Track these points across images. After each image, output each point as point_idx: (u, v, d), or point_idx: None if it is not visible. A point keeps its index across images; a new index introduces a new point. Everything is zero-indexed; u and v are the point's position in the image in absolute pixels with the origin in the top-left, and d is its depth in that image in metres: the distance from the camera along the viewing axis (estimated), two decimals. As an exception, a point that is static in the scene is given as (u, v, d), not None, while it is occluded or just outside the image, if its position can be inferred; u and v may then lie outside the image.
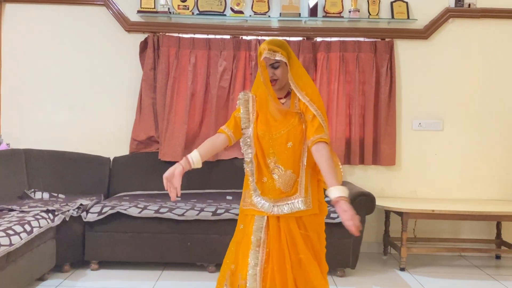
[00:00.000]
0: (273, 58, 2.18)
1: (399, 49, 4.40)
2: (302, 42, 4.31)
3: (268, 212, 2.23)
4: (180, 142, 4.23)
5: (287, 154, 2.23)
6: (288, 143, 2.22)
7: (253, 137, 2.26)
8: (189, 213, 3.61)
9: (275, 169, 2.24)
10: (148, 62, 4.28)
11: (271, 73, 2.20)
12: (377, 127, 4.35)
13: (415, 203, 4.09)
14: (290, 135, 2.22)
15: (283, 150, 2.22)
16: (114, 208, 3.59)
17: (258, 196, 2.26)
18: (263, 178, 2.26)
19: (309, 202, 2.26)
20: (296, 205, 2.23)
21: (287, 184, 2.24)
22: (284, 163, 2.23)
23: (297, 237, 2.23)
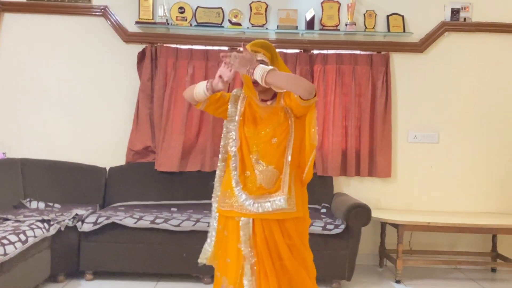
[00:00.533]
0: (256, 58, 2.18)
1: (395, 62, 4.44)
2: (299, 55, 4.35)
3: (250, 210, 2.19)
4: (177, 153, 4.24)
5: (270, 150, 2.22)
6: (273, 139, 2.22)
7: (239, 131, 2.26)
8: (185, 224, 3.60)
9: (256, 164, 2.22)
10: (145, 73, 4.30)
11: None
12: (373, 139, 4.37)
13: (411, 215, 4.09)
14: (276, 131, 2.23)
15: (267, 146, 2.22)
16: (110, 218, 3.59)
17: (239, 190, 2.22)
18: (246, 171, 2.23)
19: (293, 203, 2.22)
20: (278, 202, 2.18)
21: (269, 180, 2.20)
22: (266, 159, 2.21)
23: (280, 245, 2.20)
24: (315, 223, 3.63)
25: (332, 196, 4.30)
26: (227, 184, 2.29)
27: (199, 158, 4.31)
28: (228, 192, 2.28)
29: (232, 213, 2.25)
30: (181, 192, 4.27)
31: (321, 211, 4.09)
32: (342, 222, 3.67)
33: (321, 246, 3.58)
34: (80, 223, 3.58)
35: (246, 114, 2.30)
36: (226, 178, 2.31)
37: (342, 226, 3.62)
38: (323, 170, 4.32)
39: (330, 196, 4.29)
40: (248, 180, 2.23)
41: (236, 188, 2.23)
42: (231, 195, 2.26)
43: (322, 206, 4.17)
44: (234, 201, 2.24)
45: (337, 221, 3.72)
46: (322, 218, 3.85)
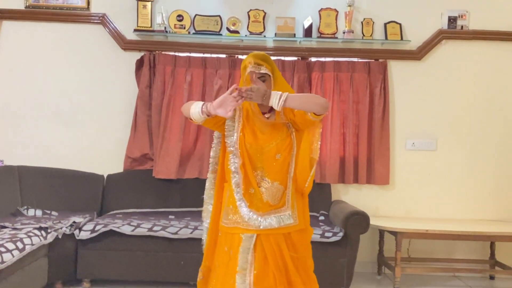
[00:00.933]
0: (258, 72, 2.21)
1: (393, 70, 4.45)
2: (297, 62, 4.36)
3: (256, 227, 2.19)
4: (175, 160, 4.24)
5: (275, 166, 2.22)
6: (276, 155, 2.22)
7: (239, 146, 2.22)
8: (182, 231, 3.59)
9: (262, 182, 2.21)
10: (143, 80, 4.31)
11: (259, 85, 2.20)
12: (371, 146, 4.38)
13: (409, 222, 4.09)
14: (280, 147, 2.22)
15: (271, 162, 2.22)
16: (107, 226, 3.58)
17: (246, 208, 2.19)
18: (250, 189, 2.21)
19: (295, 216, 2.25)
20: (284, 218, 2.20)
21: (274, 196, 2.21)
22: (271, 176, 2.21)
23: (287, 259, 2.20)
24: (314, 231, 3.61)
25: (330, 203, 4.30)
26: (229, 200, 2.27)
27: (197, 166, 4.31)
28: (230, 209, 2.25)
29: (237, 229, 2.23)
30: (178, 200, 4.26)
31: (319, 218, 4.08)
32: (340, 229, 3.66)
33: (319, 253, 3.55)
34: (78, 231, 3.57)
35: (245, 128, 2.27)
36: (228, 193, 2.28)
37: (341, 233, 3.61)
38: (321, 177, 4.32)
39: (328, 204, 4.29)
40: (253, 197, 2.21)
41: (241, 206, 2.20)
42: (234, 211, 2.23)
43: (320, 214, 4.17)
44: (238, 217, 2.23)
45: (335, 228, 3.72)
46: (321, 225, 3.85)
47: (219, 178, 2.36)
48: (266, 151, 2.22)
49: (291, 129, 2.26)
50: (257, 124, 2.27)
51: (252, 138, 2.24)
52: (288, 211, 2.21)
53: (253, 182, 2.20)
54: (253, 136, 2.24)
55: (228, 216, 2.25)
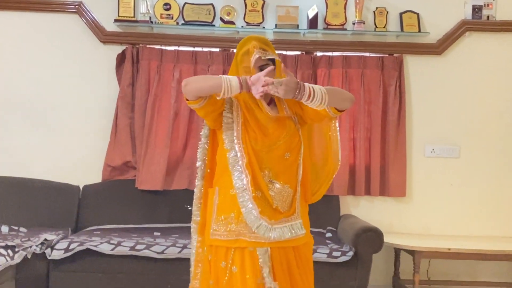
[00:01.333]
0: (264, 58, 2.15)
1: (409, 66, 4.45)
2: (301, 57, 4.36)
3: (266, 238, 2.11)
4: (161, 169, 4.22)
5: (284, 166, 2.18)
6: (285, 154, 2.19)
7: (242, 143, 2.16)
8: (170, 250, 3.57)
9: (269, 184, 2.16)
10: (125, 77, 4.30)
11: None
12: (385, 153, 4.37)
13: (429, 240, 4.08)
14: (289, 145, 2.19)
15: (279, 162, 2.18)
16: (83, 244, 3.56)
17: (255, 214, 2.10)
18: (257, 191, 2.14)
19: (301, 226, 2.19)
20: (296, 228, 2.15)
21: (285, 202, 2.17)
22: (281, 177, 2.17)
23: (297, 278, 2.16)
24: (320, 250, 3.61)
25: (338, 218, 4.29)
26: (226, 207, 2.18)
27: (187, 175, 4.29)
28: (230, 217, 2.17)
29: (242, 242, 2.14)
30: (165, 214, 4.25)
31: (326, 235, 4.07)
32: (350, 248, 3.65)
33: (326, 276, 3.55)
34: (49, 250, 3.55)
35: (247, 122, 2.21)
36: (222, 199, 2.21)
37: (350, 253, 3.59)
38: (328, 188, 4.22)
39: (336, 219, 4.28)
40: (261, 202, 2.13)
41: (249, 213, 2.11)
42: (236, 220, 2.15)
43: (327, 230, 4.15)
44: (241, 227, 2.14)
45: (344, 247, 3.70)
46: (328, 243, 3.83)
47: (209, 184, 2.32)
48: (273, 148, 2.17)
49: (298, 125, 2.24)
50: (261, 119, 2.20)
51: (257, 133, 2.18)
52: (299, 220, 2.17)
53: (262, 184, 2.14)
54: (259, 131, 2.18)
55: (224, 226, 2.16)
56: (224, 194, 2.19)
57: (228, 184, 2.17)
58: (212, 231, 2.20)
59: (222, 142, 2.23)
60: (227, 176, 2.18)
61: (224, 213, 2.18)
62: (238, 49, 2.23)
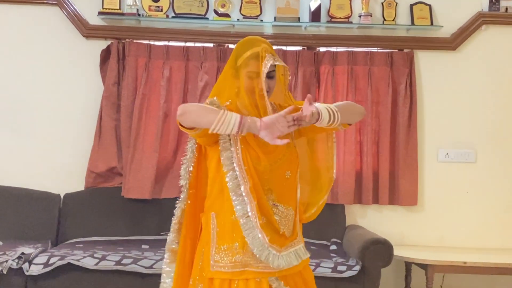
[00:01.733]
0: (275, 64, 2.12)
1: (421, 62, 4.51)
2: (302, 53, 4.41)
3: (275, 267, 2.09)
4: (149, 175, 4.26)
5: (285, 187, 2.17)
6: (286, 173, 2.17)
7: (244, 164, 2.10)
8: (159, 265, 3.54)
9: (274, 208, 2.13)
10: (110, 75, 4.34)
11: (266, 84, 2.12)
12: (395, 157, 4.42)
13: (443, 253, 4.13)
14: (288, 162, 2.17)
15: (280, 182, 2.16)
16: (64, 258, 3.58)
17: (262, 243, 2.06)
18: (262, 218, 2.10)
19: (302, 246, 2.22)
20: (301, 253, 2.17)
21: (289, 226, 2.16)
22: (283, 199, 2.16)
23: None
24: (323, 264, 3.66)
25: (344, 229, 4.34)
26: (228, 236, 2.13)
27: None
28: (234, 247, 2.12)
29: (247, 274, 2.11)
30: (154, 225, 4.28)
31: (330, 248, 4.12)
32: (356, 262, 3.69)
33: None
34: (27, 265, 3.56)
35: (245, 140, 2.14)
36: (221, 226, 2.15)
37: (357, 267, 3.63)
38: (333, 197, 4.35)
39: (341, 230, 4.33)
40: (268, 229, 2.10)
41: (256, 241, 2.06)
42: (241, 250, 2.10)
43: (331, 242, 4.20)
44: (248, 257, 2.10)
45: (350, 261, 3.75)
46: (332, 257, 3.88)
47: (193, 207, 2.29)
48: (274, 168, 2.14)
49: (293, 137, 2.24)
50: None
51: (258, 152, 2.13)
52: (301, 243, 2.19)
53: (267, 209, 2.11)
54: (259, 149, 2.14)
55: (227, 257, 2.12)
56: (224, 220, 2.15)
57: (227, 209, 2.13)
58: (213, 263, 2.14)
59: (215, 161, 2.18)
60: (224, 200, 2.13)
61: (226, 243, 2.13)
62: (240, 50, 2.17)
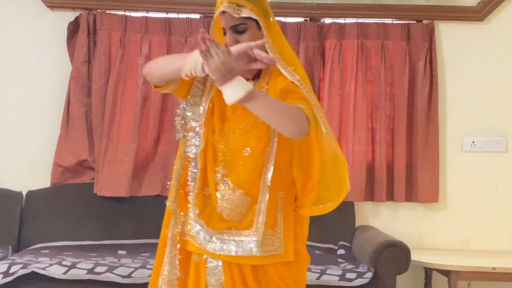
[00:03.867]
0: (236, 16, 2.11)
1: (443, 36, 4.50)
2: (304, 25, 4.40)
3: (203, 247, 2.17)
4: (126, 169, 4.26)
5: (244, 166, 2.17)
6: (244, 149, 2.16)
7: (205, 124, 2.21)
8: (138, 273, 3.59)
9: (221, 183, 2.19)
10: (79, 53, 4.32)
11: (232, 40, 2.14)
12: (412, 147, 4.42)
13: (468, 257, 4.14)
14: (250, 137, 2.16)
15: (237, 159, 2.17)
16: (28, 266, 3.56)
17: (195, 216, 2.19)
18: (205, 188, 2.21)
19: (279, 242, 2.17)
20: (246, 246, 2.14)
21: (234, 210, 2.18)
22: (235, 178, 2.17)
23: None
24: (330, 271, 3.66)
25: (353, 230, 4.35)
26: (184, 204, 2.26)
27: (159, 177, 4.34)
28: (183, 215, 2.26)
29: (190, 246, 2.23)
30: (132, 227, 4.28)
31: (337, 252, 4.12)
32: (368, 268, 3.68)
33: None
34: (-16, 274, 3.56)
35: (216, 99, 2.21)
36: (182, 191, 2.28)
37: (369, 274, 3.63)
38: (340, 193, 4.35)
39: (350, 231, 4.34)
40: (206, 202, 2.21)
41: (191, 211, 2.21)
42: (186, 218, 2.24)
43: (339, 246, 4.21)
44: (190, 228, 2.23)
45: (361, 267, 3.74)
46: (340, 263, 3.88)
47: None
48: (231, 139, 2.18)
49: None
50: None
51: (218, 116, 2.21)
52: (254, 237, 2.14)
53: (211, 181, 2.19)
54: (221, 114, 2.20)
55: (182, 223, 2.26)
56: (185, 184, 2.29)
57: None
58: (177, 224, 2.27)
59: None
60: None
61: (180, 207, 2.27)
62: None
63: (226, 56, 1.96)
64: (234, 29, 2.14)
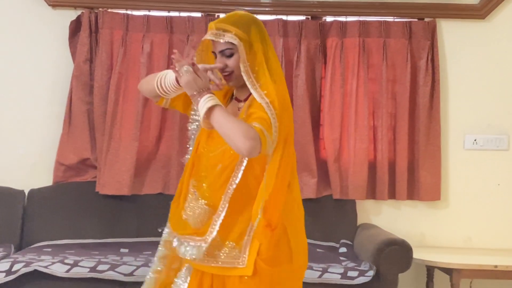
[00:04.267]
0: (221, 41, 2.27)
1: (445, 34, 4.52)
2: (305, 23, 4.42)
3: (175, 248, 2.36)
4: (128, 168, 4.29)
5: (216, 180, 2.29)
6: (218, 165, 2.30)
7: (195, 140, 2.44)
8: (140, 271, 3.61)
9: (190, 194, 2.36)
10: (81, 51, 4.34)
11: (222, 63, 2.30)
12: (414, 145, 4.45)
13: (470, 255, 4.17)
14: (225, 154, 2.28)
15: (211, 173, 2.31)
16: (30, 264, 3.59)
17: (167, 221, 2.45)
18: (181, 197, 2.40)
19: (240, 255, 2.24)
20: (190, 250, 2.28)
21: (196, 218, 2.33)
22: (202, 190, 2.32)
23: None
24: (331, 269, 3.69)
25: (355, 229, 4.38)
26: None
27: (161, 175, 4.38)
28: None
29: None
30: (134, 226, 4.31)
31: (339, 250, 4.16)
32: (370, 266, 3.71)
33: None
34: (-13, 273, 3.59)
35: None
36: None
37: (371, 272, 3.66)
38: (342, 191, 4.39)
39: (352, 229, 4.37)
40: (177, 208, 2.41)
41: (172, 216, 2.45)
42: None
43: (341, 244, 4.24)
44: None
45: (362, 265, 3.78)
46: (341, 261, 3.92)
47: None
48: (210, 157, 2.33)
49: None
50: None
51: (205, 134, 2.37)
52: (203, 243, 2.25)
53: (183, 190, 2.39)
54: (208, 131, 2.32)
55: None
56: None
57: None
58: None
59: None
60: None
61: None
62: None
63: (193, 74, 2.18)
64: (222, 53, 2.30)
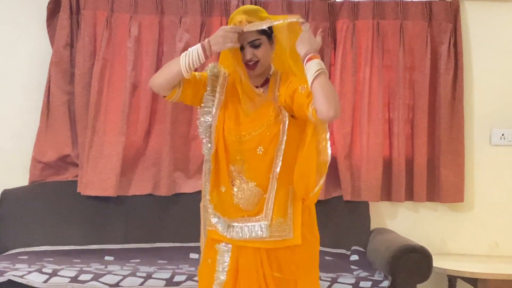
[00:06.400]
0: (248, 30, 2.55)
1: (469, 15, 4.51)
2: (313, 4, 4.40)
3: (225, 235, 2.64)
4: (114, 165, 4.27)
5: (258, 162, 2.63)
6: (258, 148, 2.62)
7: (215, 130, 2.65)
8: (128, 281, 3.60)
9: (237, 179, 2.66)
10: (61, 35, 4.32)
11: (250, 54, 2.59)
12: (435, 140, 4.44)
13: (497, 264, 4.15)
14: (263, 137, 2.61)
15: (252, 156, 2.63)
16: (4, 274, 3.58)
17: (212, 210, 2.68)
18: (221, 186, 2.68)
19: (289, 228, 2.64)
20: (256, 230, 2.62)
21: (248, 200, 2.64)
22: (250, 173, 2.64)
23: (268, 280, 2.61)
24: (342, 279, 3.67)
25: (368, 234, 4.36)
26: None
27: (151, 174, 4.36)
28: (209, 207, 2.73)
29: (214, 234, 2.70)
30: (121, 231, 4.30)
31: (350, 258, 4.14)
32: (385, 276, 3.70)
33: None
34: (-44, 283, 3.57)
35: (227, 106, 2.68)
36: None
37: (385, 282, 3.64)
38: (353, 192, 4.37)
39: (365, 235, 4.35)
40: (223, 197, 2.68)
41: (209, 207, 2.70)
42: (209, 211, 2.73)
43: (352, 251, 4.22)
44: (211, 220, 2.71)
45: (376, 274, 3.76)
46: (353, 270, 3.90)
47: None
48: (245, 140, 2.63)
49: (284, 115, 2.61)
50: (242, 102, 2.65)
51: (233, 121, 2.65)
52: (263, 221, 2.62)
53: (224, 179, 2.67)
54: (235, 118, 2.65)
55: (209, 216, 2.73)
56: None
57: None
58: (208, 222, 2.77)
59: None
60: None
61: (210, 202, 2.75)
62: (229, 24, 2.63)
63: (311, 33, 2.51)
64: (251, 44, 2.58)
